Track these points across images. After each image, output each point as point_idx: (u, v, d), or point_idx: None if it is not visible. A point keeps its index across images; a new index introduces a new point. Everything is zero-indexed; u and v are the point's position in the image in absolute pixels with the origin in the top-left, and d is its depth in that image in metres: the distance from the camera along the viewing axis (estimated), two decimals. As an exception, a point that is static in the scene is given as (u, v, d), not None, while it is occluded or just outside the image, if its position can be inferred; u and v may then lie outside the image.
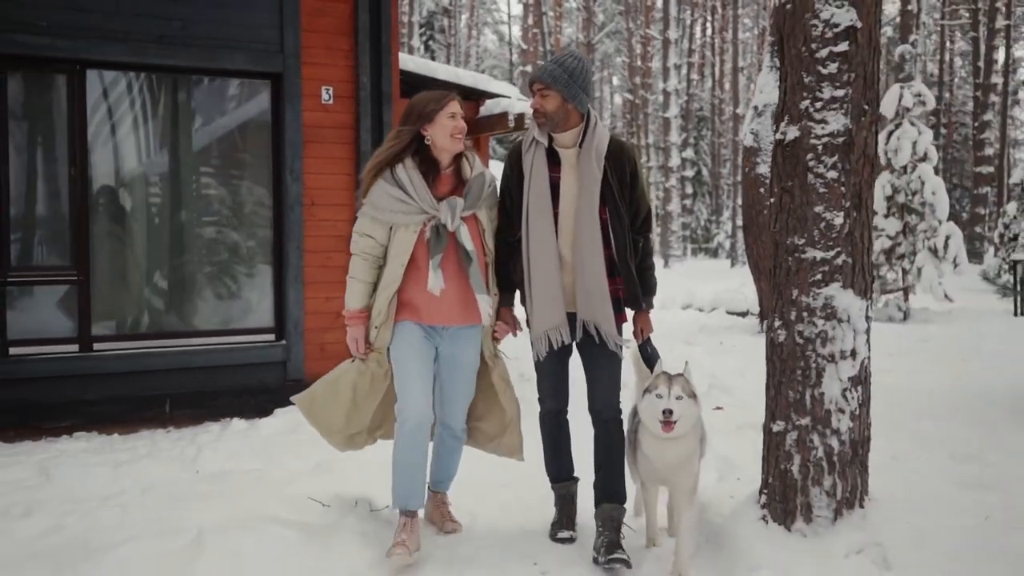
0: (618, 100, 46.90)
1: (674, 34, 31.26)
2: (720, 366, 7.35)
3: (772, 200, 3.25)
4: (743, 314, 12.24)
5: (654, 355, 3.31)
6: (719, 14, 39.28)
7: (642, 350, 3.40)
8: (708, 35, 40.90)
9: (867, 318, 3.13)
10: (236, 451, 4.74)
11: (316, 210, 5.94)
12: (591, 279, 3.20)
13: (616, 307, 3.28)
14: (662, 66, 32.08)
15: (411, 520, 3.19)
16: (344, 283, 3.39)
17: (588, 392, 3.37)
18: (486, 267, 3.36)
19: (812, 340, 3.08)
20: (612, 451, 3.34)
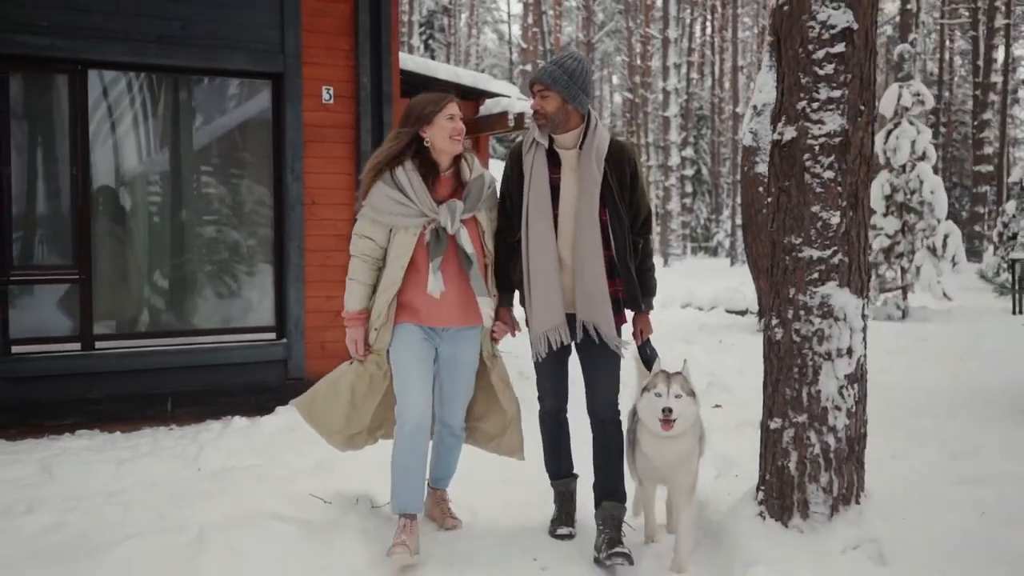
0: (618, 99, 46.88)
1: (674, 33, 31.27)
2: (719, 364, 7.36)
3: (769, 200, 3.26)
4: (742, 313, 12.24)
5: (653, 356, 3.31)
6: (719, 13, 39.27)
7: (641, 351, 3.40)
8: (708, 34, 40.90)
9: (863, 316, 3.16)
10: (238, 449, 4.76)
11: (317, 209, 5.97)
12: (591, 280, 3.20)
13: (615, 308, 3.29)
14: (662, 65, 32.08)
15: (411, 522, 3.20)
16: (344, 282, 3.40)
17: (587, 393, 3.37)
18: (485, 268, 3.37)
19: (809, 338, 3.10)
20: (611, 451, 3.34)
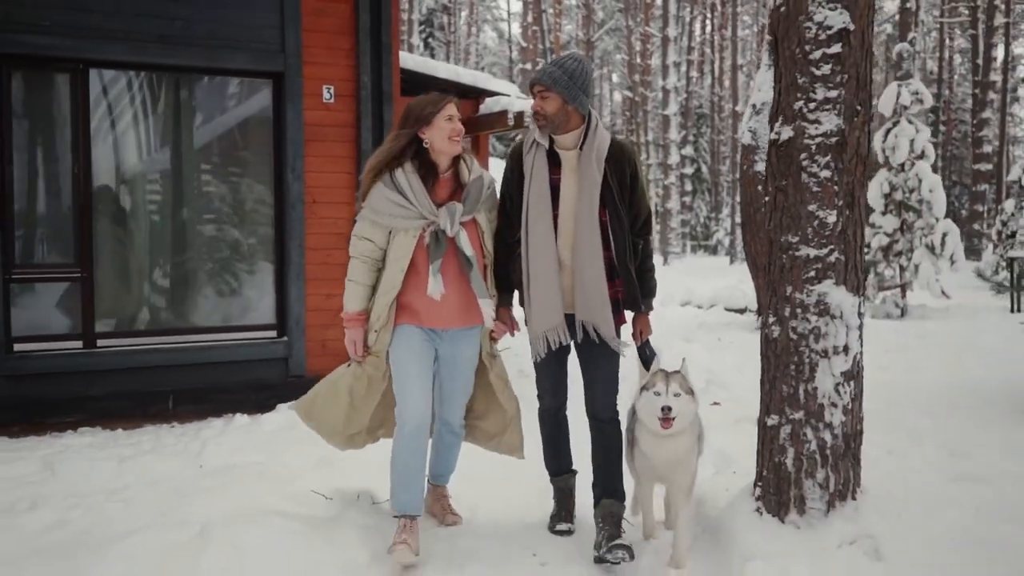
0: (617, 97, 46.88)
1: (673, 31, 31.24)
2: (718, 362, 7.39)
3: (767, 199, 3.29)
4: (741, 311, 12.24)
5: (652, 357, 3.32)
6: (718, 11, 39.27)
7: (641, 352, 3.41)
8: (707, 32, 40.89)
9: (859, 314, 3.18)
10: (239, 446, 4.79)
11: (317, 208, 6.00)
12: (590, 281, 3.20)
13: (615, 309, 3.28)
14: (661, 63, 32.05)
15: (411, 522, 3.21)
16: (345, 281, 3.40)
17: (585, 393, 3.38)
18: (485, 269, 3.37)
19: (806, 336, 3.13)
20: (610, 451, 3.35)
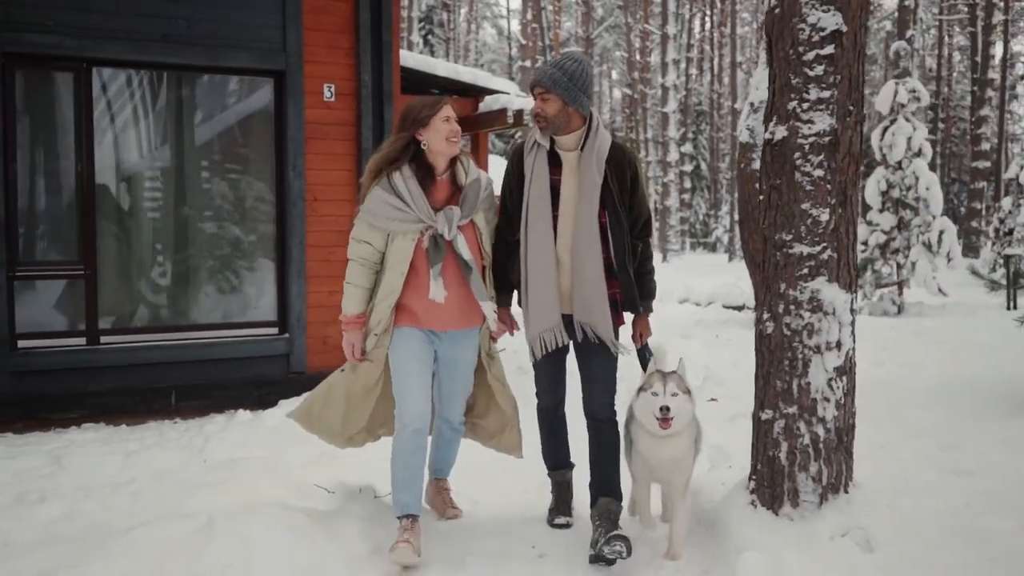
0: (617, 95, 46.90)
1: (672, 29, 31.31)
2: (716, 359, 7.44)
3: (761, 197, 3.35)
4: (739, 308, 12.27)
5: (651, 358, 3.34)
6: (717, 8, 39.30)
7: (640, 354, 3.43)
8: (706, 29, 40.90)
9: (852, 311, 3.24)
10: (242, 441, 4.85)
11: (318, 205, 6.05)
12: (589, 282, 3.21)
13: (613, 310, 3.29)
14: (660, 61, 32.12)
15: (412, 523, 3.23)
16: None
17: (583, 393, 3.39)
18: (483, 270, 3.38)
19: (799, 332, 3.18)
20: (607, 450, 3.37)
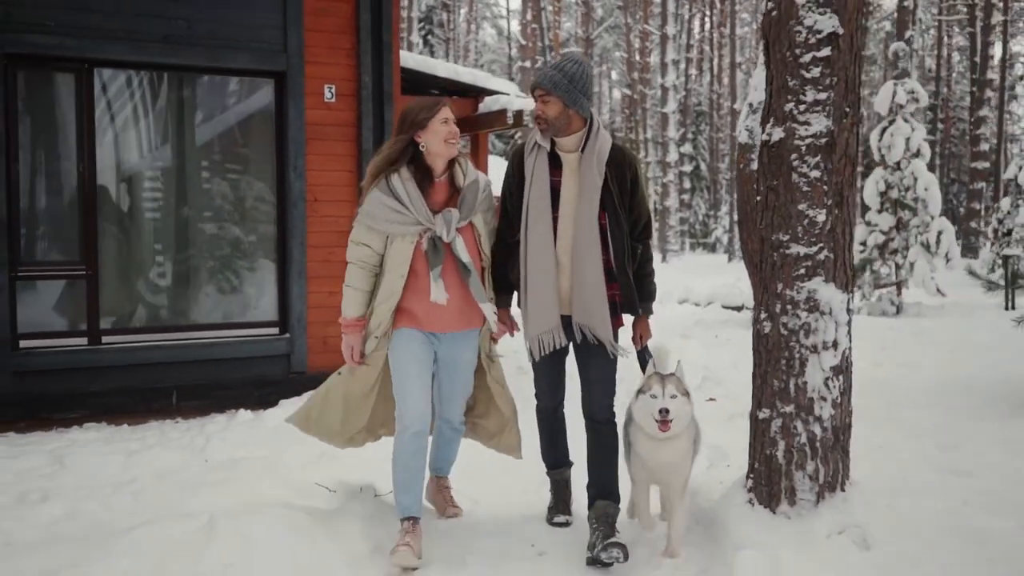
0: (616, 95, 46.93)
1: (672, 29, 31.34)
2: (714, 359, 7.46)
3: (759, 198, 3.37)
4: (738, 308, 12.29)
5: (650, 360, 3.35)
6: (717, 9, 39.32)
7: (640, 357, 3.44)
8: (706, 30, 40.93)
9: (848, 311, 3.26)
10: (243, 441, 4.87)
11: (319, 206, 6.07)
12: (588, 284, 3.22)
13: (612, 312, 3.30)
14: (660, 61, 32.15)
15: (414, 525, 3.23)
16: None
17: (582, 395, 3.40)
18: (483, 272, 3.39)
19: (796, 331, 3.21)
20: (606, 452, 3.38)
